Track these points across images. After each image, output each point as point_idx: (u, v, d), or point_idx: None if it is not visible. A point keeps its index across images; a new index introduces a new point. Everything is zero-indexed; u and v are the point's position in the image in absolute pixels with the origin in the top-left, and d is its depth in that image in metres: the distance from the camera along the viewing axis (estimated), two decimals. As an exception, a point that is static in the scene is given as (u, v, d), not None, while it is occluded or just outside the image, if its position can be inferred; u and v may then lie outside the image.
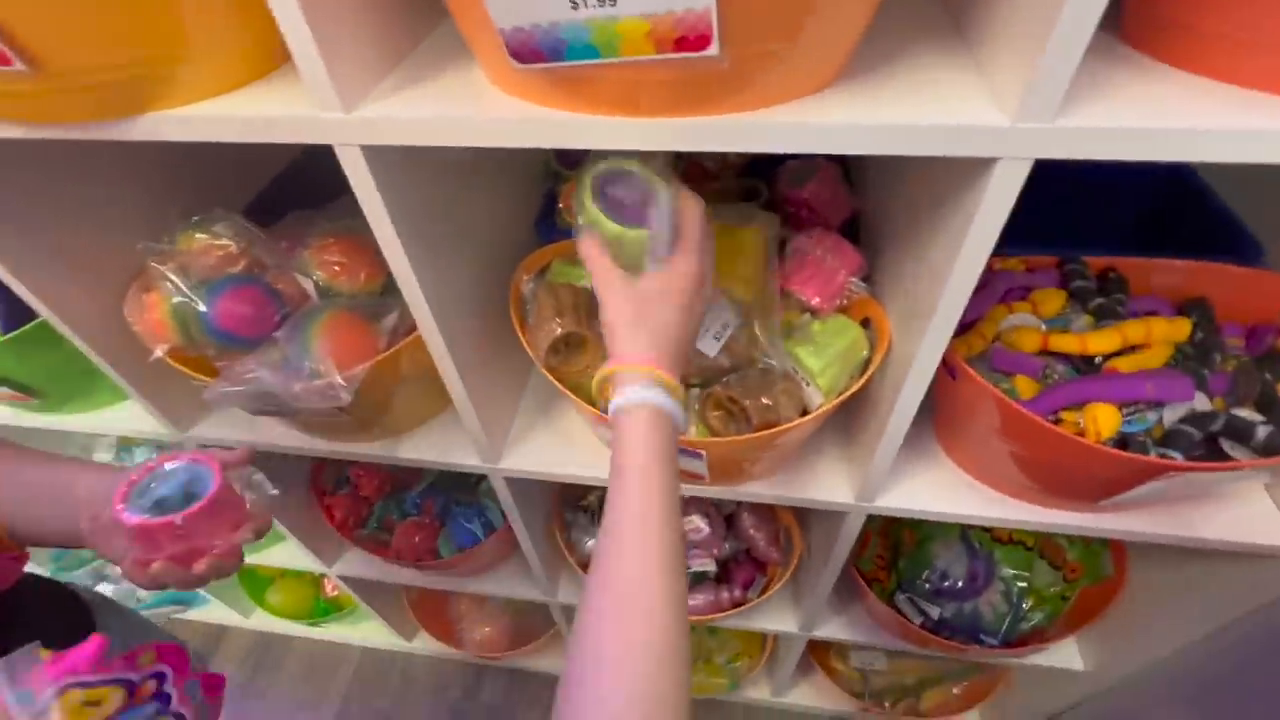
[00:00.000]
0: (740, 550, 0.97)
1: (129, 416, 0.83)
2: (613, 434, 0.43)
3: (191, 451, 0.52)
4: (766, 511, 0.97)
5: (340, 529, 1.01)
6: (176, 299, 0.62)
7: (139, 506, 0.48)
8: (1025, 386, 0.60)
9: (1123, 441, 0.54)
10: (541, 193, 0.84)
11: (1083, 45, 0.31)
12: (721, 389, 0.57)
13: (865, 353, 0.59)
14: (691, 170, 0.82)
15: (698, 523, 0.94)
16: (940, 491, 0.68)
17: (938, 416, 0.70)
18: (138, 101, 0.42)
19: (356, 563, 1.13)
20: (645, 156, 0.46)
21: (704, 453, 0.57)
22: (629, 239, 0.45)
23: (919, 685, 1.28)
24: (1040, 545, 0.90)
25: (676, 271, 0.46)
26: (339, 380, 0.58)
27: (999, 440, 0.59)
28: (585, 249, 0.47)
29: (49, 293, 0.62)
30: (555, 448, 0.75)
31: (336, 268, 0.65)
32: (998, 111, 0.36)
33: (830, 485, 0.69)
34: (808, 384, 0.58)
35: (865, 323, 0.60)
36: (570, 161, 0.81)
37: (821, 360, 0.56)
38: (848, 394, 0.55)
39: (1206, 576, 0.73)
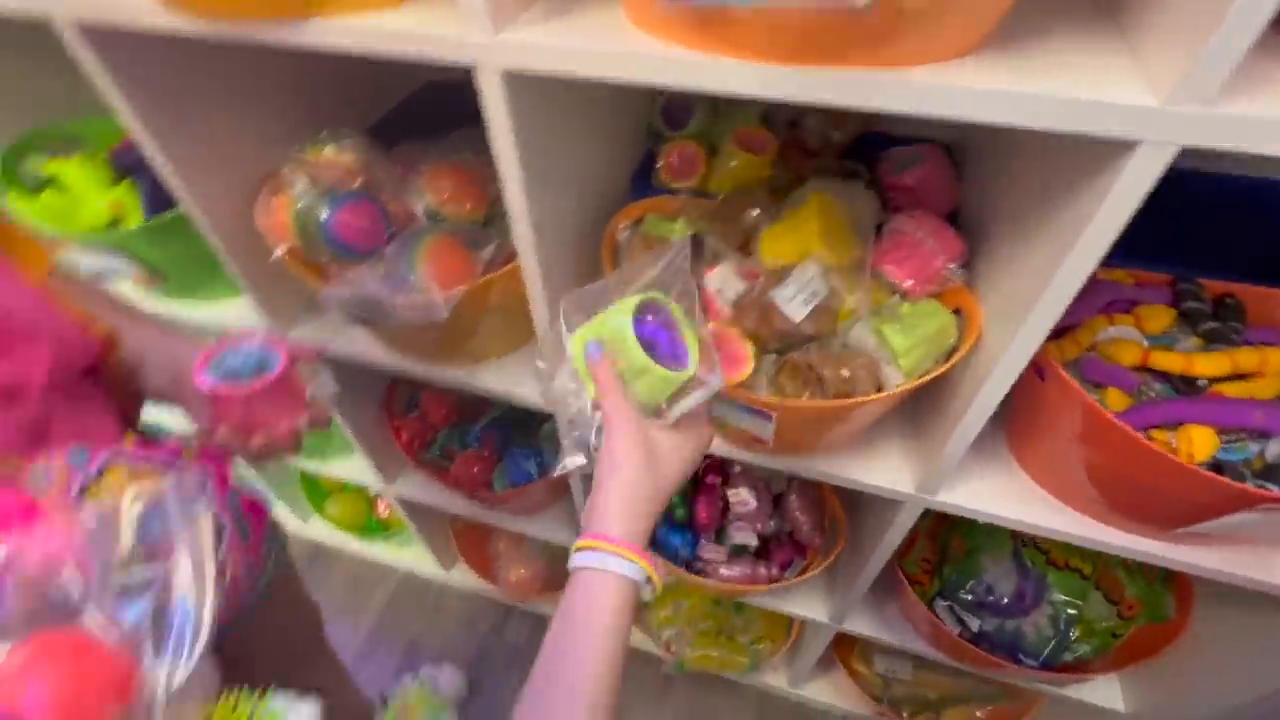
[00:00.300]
0: (783, 531, 0.98)
1: (238, 312, 0.90)
2: (579, 585, 0.41)
3: (266, 334, 0.56)
4: (814, 496, 0.97)
5: (406, 449, 1.07)
6: (301, 205, 0.67)
7: (213, 374, 0.53)
8: (1116, 399, 0.58)
9: (1217, 467, 0.52)
10: (641, 151, 0.85)
11: (1255, 32, 0.30)
12: (800, 355, 0.58)
13: (953, 340, 0.58)
14: (791, 147, 0.82)
15: (745, 495, 0.95)
16: (1005, 495, 0.67)
17: (1013, 419, 0.69)
18: (307, 5, 0.46)
19: (414, 485, 1.19)
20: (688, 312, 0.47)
21: (774, 415, 0.58)
22: (659, 378, 0.43)
23: (941, 701, 1.26)
24: (1098, 576, 0.87)
25: (690, 437, 0.46)
26: (439, 298, 0.62)
27: (1080, 450, 0.58)
28: (602, 371, 0.44)
29: (191, 181, 0.68)
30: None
31: (446, 195, 0.69)
32: (1148, 93, 0.35)
33: (891, 473, 0.69)
34: (887, 363, 0.58)
35: (955, 312, 0.60)
36: (676, 123, 0.82)
37: (908, 340, 0.56)
38: (930, 377, 0.55)
39: (1276, 629, 0.70)
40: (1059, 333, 0.61)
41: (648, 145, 0.86)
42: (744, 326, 0.61)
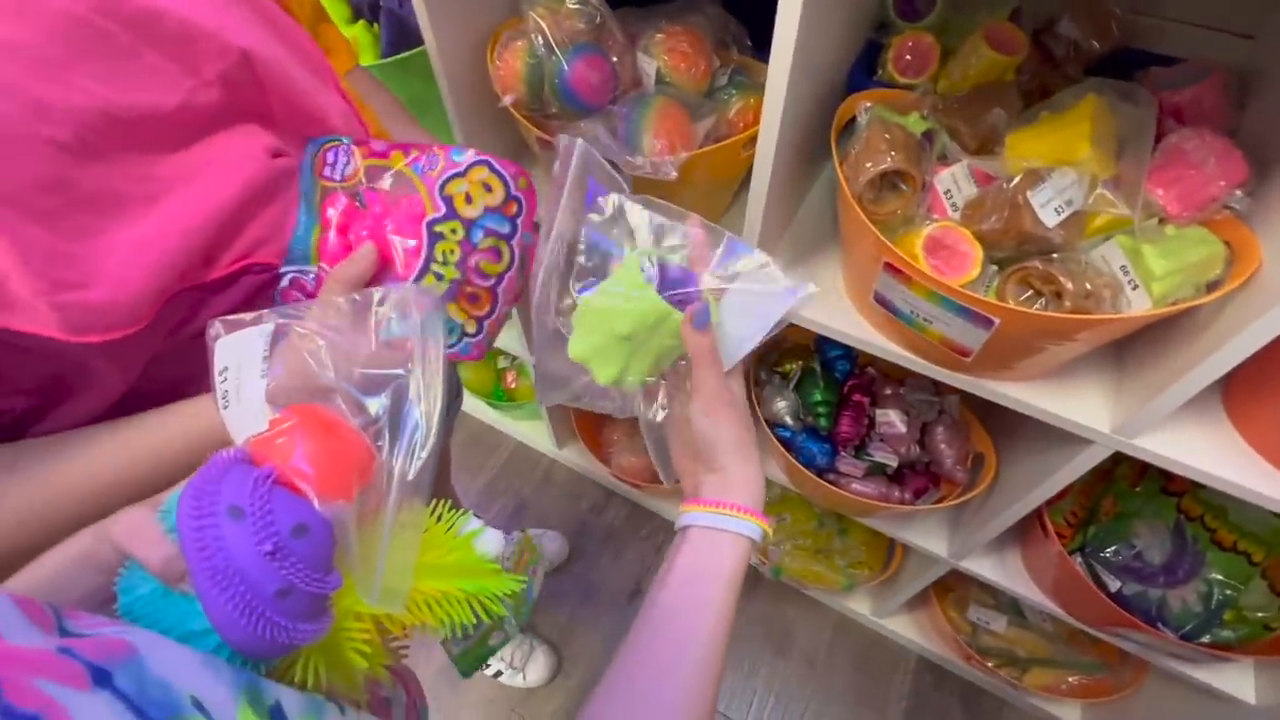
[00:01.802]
0: (922, 461, 0.97)
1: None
2: (703, 541, 0.40)
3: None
4: (962, 431, 0.96)
5: (560, 321, 1.13)
6: (539, 51, 0.69)
7: None
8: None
9: None
10: (863, 41, 0.81)
11: None
12: (1042, 263, 0.55)
13: (1216, 274, 0.54)
14: (1034, 54, 0.75)
15: (893, 418, 0.94)
16: (1212, 452, 0.63)
17: (1240, 373, 0.64)
18: None
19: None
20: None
21: (997, 322, 0.56)
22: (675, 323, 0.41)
23: (1029, 661, 1.26)
24: (1269, 565, 0.82)
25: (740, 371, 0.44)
26: (669, 159, 0.63)
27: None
28: (705, 342, 0.41)
29: (437, 21, 0.71)
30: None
31: (680, 59, 0.68)
32: None
33: (1086, 409, 0.67)
34: (1133, 287, 0.55)
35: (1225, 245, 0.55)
36: (912, 14, 0.77)
37: (1169, 264, 0.52)
38: (1188, 305, 0.52)
39: None
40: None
41: (870, 36, 0.81)
42: (976, 227, 0.59)
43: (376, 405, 0.32)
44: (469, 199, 0.47)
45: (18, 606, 0.22)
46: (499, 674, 1.34)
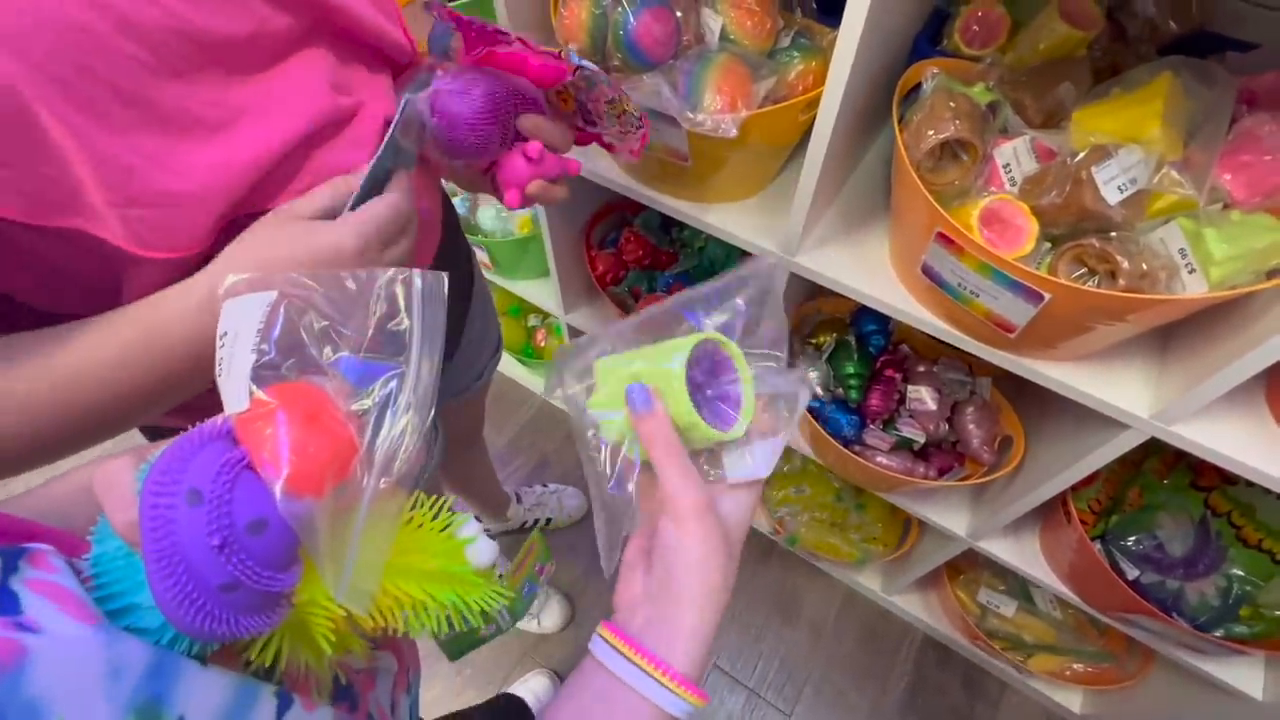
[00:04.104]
0: (949, 441, 0.98)
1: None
2: (612, 697, 0.33)
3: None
4: (991, 413, 0.96)
5: (599, 281, 1.14)
6: (604, 2, 0.69)
7: None
8: None
9: None
10: (928, 10, 0.80)
11: None
12: (1099, 241, 0.55)
13: (1276, 262, 0.53)
14: (1110, 30, 0.73)
15: (925, 395, 0.95)
16: (1252, 443, 0.64)
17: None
18: None
19: (590, 320, 1.28)
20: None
21: (1048, 297, 0.56)
22: (703, 437, 0.35)
23: (1035, 646, 1.27)
24: (1291, 564, 0.83)
25: (751, 492, 0.37)
26: (729, 116, 0.63)
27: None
28: (659, 428, 0.34)
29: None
30: (846, 263, 0.78)
31: (747, 15, 0.68)
32: None
33: (1126, 393, 0.67)
34: (1191, 271, 0.55)
35: (1288, 233, 0.54)
36: (983, -18, 0.76)
37: (1231, 250, 0.52)
38: (1242, 291, 0.52)
39: None
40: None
41: (937, 4, 0.80)
42: (1034, 202, 0.59)
43: (367, 395, 0.30)
44: None
45: None
46: (515, 618, 1.39)
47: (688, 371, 0.35)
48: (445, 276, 0.32)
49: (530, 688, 1.31)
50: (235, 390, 0.28)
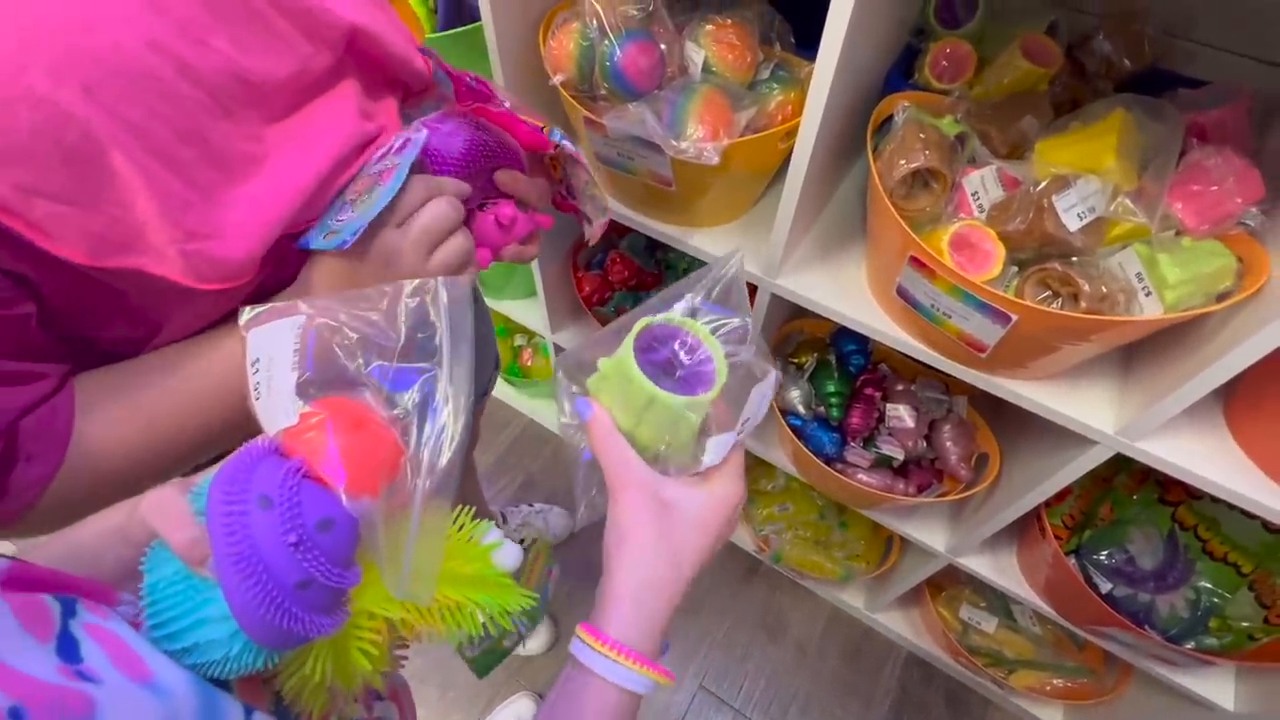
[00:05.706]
0: (928, 458, 1.01)
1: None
2: (573, 684, 0.35)
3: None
4: (968, 431, 0.99)
5: (585, 301, 1.16)
6: (591, 34, 0.72)
7: None
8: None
9: None
10: (901, 46, 0.84)
11: None
12: (1061, 266, 0.58)
13: (1226, 286, 0.57)
14: (1070, 67, 0.78)
15: (903, 413, 0.98)
16: (1212, 459, 0.66)
17: (1241, 385, 0.67)
18: None
19: (577, 338, 1.30)
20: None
21: (1015, 319, 0.59)
22: (668, 408, 0.35)
23: (1015, 662, 1.29)
24: (1256, 578, 0.85)
25: (717, 495, 0.37)
26: (711, 145, 0.66)
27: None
28: (595, 423, 0.37)
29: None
30: (825, 285, 0.81)
31: (728, 50, 0.71)
32: None
33: (1092, 411, 0.70)
34: (1146, 294, 0.58)
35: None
36: (952, 21, 0.80)
37: (1183, 274, 0.55)
38: (1199, 312, 0.55)
39: None
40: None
41: (909, 40, 0.84)
42: (1000, 228, 0.62)
43: (405, 400, 0.31)
44: None
45: (15, 615, 0.22)
46: (500, 639, 1.38)
47: (643, 356, 0.37)
48: (466, 280, 0.34)
49: (515, 710, 1.30)
50: (280, 408, 0.30)
